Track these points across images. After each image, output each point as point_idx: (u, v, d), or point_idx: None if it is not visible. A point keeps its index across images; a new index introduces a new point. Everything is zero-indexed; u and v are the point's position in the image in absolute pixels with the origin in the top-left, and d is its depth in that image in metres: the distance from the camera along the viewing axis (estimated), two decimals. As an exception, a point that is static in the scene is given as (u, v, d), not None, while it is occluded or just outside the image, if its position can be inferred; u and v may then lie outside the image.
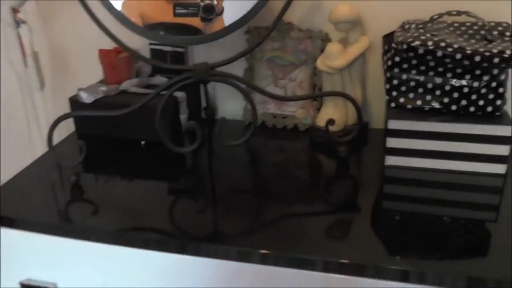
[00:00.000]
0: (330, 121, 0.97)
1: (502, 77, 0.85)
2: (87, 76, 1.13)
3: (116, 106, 0.96)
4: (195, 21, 0.97)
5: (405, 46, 0.85)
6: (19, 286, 0.85)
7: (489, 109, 0.87)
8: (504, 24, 0.90)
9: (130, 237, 0.77)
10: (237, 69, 1.06)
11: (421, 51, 0.84)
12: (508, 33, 0.87)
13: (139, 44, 1.09)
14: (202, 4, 0.96)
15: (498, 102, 0.86)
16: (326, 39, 1.04)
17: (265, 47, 1.07)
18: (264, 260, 0.71)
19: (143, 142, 1.03)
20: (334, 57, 0.97)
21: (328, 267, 0.69)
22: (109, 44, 1.01)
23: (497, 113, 0.87)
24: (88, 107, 1.03)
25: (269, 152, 1.04)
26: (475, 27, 0.90)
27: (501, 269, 0.66)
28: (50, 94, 1.27)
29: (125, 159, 1.01)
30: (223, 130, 1.00)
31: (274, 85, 1.09)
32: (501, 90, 0.86)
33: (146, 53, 1.11)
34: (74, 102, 1.05)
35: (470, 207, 0.83)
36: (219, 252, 0.73)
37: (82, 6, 0.92)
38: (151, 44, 1.11)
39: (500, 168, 0.87)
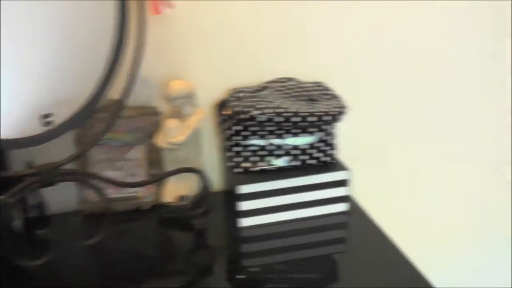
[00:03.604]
0: (182, 198, 0.99)
1: (332, 130, 0.98)
2: None
3: None
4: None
5: (245, 116, 0.92)
6: None
7: (326, 159, 0.99)
8: (321, 84, 1.04)
9: None
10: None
11: (261, 119, 0.92)
12: (327, 92, 1.00)
13: None
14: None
15: (332, 152, 0.99)
16: (159, 114, 1.05)
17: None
18: None
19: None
20: (174, 133, 0.98)
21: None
22: None
23: (333, 162, 1.00)
24: None
25: (117, 239, 0.99)
26: (298, 89, 1.02)
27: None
28: None
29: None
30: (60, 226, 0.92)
31: (111, 169, 1.04)
32: (332, 141, 0.99)
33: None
34: None
35: (323, 245, 0.94)
36: None
37: None
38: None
39: (342, 207, 1.00)
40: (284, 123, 0.93)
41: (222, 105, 1.03)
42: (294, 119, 0.92)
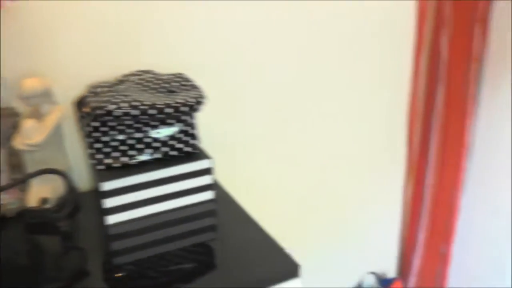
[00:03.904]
0: (44, 201, 0.96)
1: (192, 120, 0.99)
2: None
3: None
4: None
5: (101, 111, 0.91)
6: None
7: (188, 149, 1.00)
8: (180, 75, 1.05)
9: None
10: None
11: (117, 113, 0.91)
12: (186, 83, 1.01)
13: None
14: None
15: (193, 142, 1.00)
16: (16, 115, 1.01)
17: None
18: None
19: None
20: (31, 134, 0.95)
21: None
22: None
23: (195, 151, 1.01)
24: None
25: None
26: (158, 81, 1.02)
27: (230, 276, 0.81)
28: None
29: None
30: None
31: (-32, 175, 1.00)
32: (193, 131, 1.00)
33: None
34: None
35: (194, 234, 0.95)
36: None
37: None
38: None
39: (209, 195, 1.02)
40: (142, 116, 0.92)
41: (81, 101, 1.01)
42: (151, 111, 0.92)
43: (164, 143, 0.98)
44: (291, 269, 0.83)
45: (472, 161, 1.73)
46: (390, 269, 1.86)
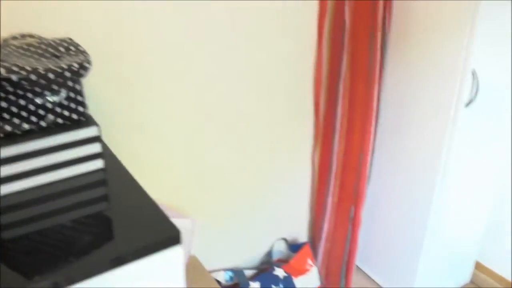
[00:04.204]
0: None
1: (78, 87, 0.97)
2: None
3: None
4: None
5: (-22, 77, 0.87)
6: None
7: (75, 117, 0.97)
8: (68, 40, 1.01)
9: None
10: None
11: (-4, 79, 0.87)
12: (73, 48, 0.98)
13: None
14: None
15: (81, 109, 0.97)
16: None
17: None
18: None
19: None
20: None
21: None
22: None
23: (83, 119, 0.98)
24: None
25: None
26: (43, 47, 0.98)
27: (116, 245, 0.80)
28: None
29: None
30: None
31: None
32: (80, 98, 0.97)
33: None
34: None
35: (85, 205, 0.93)
36: None
37: None
38: None
39: (99, 164, 1.00)
40: (24, 82, 0.89)
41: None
42: (32, 77, 0.89)
43: (50, 111, 0.95)
44: (173, 236, 0.84)
45: (380, 126, 1.79)
46: (302, 235, 1.92)
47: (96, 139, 0.98)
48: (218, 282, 1.61)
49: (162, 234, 0.84)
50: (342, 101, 1.62)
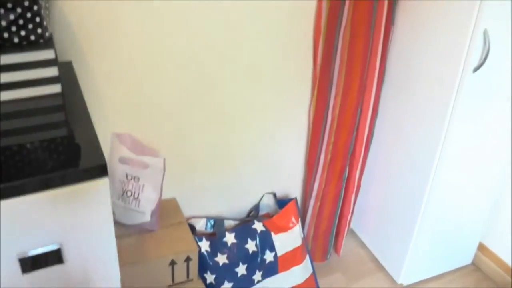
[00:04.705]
0: None
1: (35, 7, 0.94)
2: None
3: None
4: None
5: None
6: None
7: (33, 38, 0.95)
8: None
9: None
10: None
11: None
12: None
13: None
14: None
15: (39, 30, 0.95)
16: None
17: None
18: None
19: None
20: None
21: None
22: None
23: (41, 40, 0.96)
24: None
25: None
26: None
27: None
28: None
29: None
30: None
31: None
32: (38, 19, 0.94)
33: None
34: None
35: (44, 129, 0.93)
36: None
37: None
38: None
39: (56, 88, 0.98)
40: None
41: None
42: (-14, -9, 0.87)
43: (5, 29, 0.93)
44: (98, 169, 0.83)
45: (384, 85, 1.71)
46: (295, 192, 1.88)
47: (53, 62, 0.95)
48: (193, 227, 1.59)
49: (90, 164, 0.83)
50: (340, 54, 1.53)
